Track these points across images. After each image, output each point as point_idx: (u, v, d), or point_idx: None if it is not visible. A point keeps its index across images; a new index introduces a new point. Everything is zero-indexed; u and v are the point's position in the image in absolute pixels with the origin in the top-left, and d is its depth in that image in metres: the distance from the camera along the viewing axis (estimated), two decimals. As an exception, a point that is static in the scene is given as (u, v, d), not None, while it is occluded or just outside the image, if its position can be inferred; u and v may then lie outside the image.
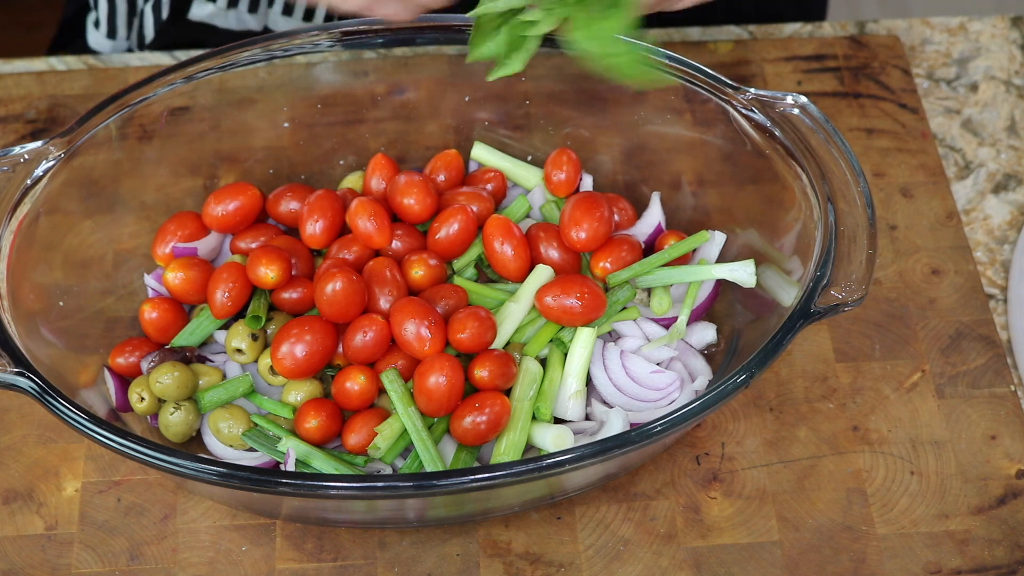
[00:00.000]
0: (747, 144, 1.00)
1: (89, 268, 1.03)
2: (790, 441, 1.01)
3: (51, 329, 0.96)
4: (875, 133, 1.18)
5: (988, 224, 1.13)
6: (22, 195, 0.96)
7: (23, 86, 1.21)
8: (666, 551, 0.96)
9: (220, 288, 0.98)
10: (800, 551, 0.96)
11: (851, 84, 1.21)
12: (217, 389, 0.97)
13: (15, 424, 1.01)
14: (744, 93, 1.00)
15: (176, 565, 0.95)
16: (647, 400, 0.98)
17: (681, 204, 1.08)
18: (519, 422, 0.94)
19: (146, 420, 0.99)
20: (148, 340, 1.01)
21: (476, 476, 0.83)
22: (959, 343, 1.06)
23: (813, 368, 1.04)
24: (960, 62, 1.24)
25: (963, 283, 1.09)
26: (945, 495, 0.98)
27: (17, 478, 0.99)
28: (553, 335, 0.99)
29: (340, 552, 0.95)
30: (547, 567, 0.95)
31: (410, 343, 0.95)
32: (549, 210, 1.07)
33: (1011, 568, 0.95)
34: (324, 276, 0.96)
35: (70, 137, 0.98)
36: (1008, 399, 1.03)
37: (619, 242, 1.03)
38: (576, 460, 0.84)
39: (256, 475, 0.83)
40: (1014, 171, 1.16)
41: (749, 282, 0.99)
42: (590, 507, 0.97)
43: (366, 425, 0.94)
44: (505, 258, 1.01)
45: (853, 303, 0.90)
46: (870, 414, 1.02)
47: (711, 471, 0.99)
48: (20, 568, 0.95)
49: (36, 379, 0.87)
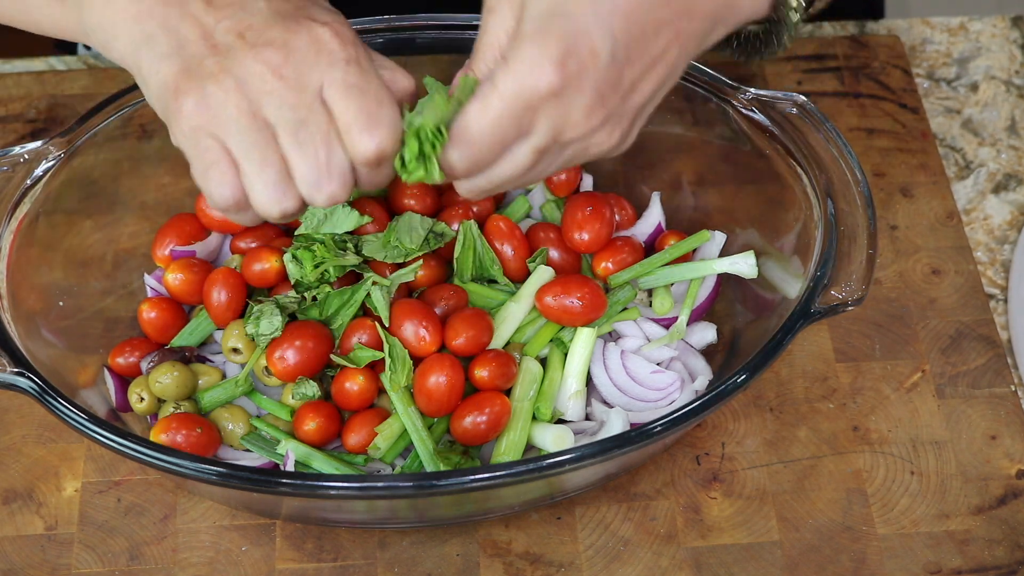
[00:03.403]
0: (747, 144, 1.00)
1: (89, 268, 1.03)
2: (790, 441, 1.01)
3: (51, 329, 0.96)
4: (875, 133, 1.18)
5: (988, 224, 1.13)
6: (22, 195, 0.96)
7: (23, 86, 1.21)
8: (666, 551, 0.96)
9: (215, 294, 0.98)
10: (800, 551, 0.96)
11: (851, 84, 1.21)
12: (217, 389, 0.97)
13: (15, 424, 1.01)
14: (744, 93, 1.00)
15: (176, 565, 0.95)
16: (647, 400, 0.98)
17: (681, 204, 1.08)
18: (519, 422, 0.94)
19: (146, 420, 0.99)
20: (148, 340, 1.01)
21: (476, 476, 0.83)
22: (959, 343, 1.05)
23: (813, 368, 1.04)
24: (960, 62, 1.24)
25: (963, 283, 1.09)
26: (945, 495, 0.98)
27: (17, 478, 0.99)
28: (553, 335, 0.99)
29: (340, 552, 0.95)
30: (547, 567, 0.95)
31: (408, 342, 0.95)
32: (549, 210, 1.07)
33: (1011, 568, 0.95)
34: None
35: (70, 137, 0.98)
36: (1008, 399, 1.03)
37: (620, 243, 1.03)
38: (576, 460, 0.84)
39: (256, 475, 0.83)
40: (1014, 171, 1.16)
41: (750, 274, 0.99)
42: (590, 507, 0.97)
43: (366, 425, 0.94)
44: (505, 258, 1.01)
45: (853, 303, 0.90)
46: (870, 414, 1.02)
47: (711, 471, 0.99)
48: (20, 568, 0.95)
49: (36, 379, 0.87)
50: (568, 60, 0.77)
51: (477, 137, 0.79)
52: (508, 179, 0.82)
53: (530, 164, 0.81)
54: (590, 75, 0.78)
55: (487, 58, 0.82)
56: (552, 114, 0.78)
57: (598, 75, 0.78)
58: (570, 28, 0.77)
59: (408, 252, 0.98)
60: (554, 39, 0.77)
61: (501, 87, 0.77)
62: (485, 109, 0.78)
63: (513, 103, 0.77)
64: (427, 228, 0.99)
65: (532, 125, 0.79)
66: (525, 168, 0.81)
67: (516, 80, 0.77)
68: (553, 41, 0.77)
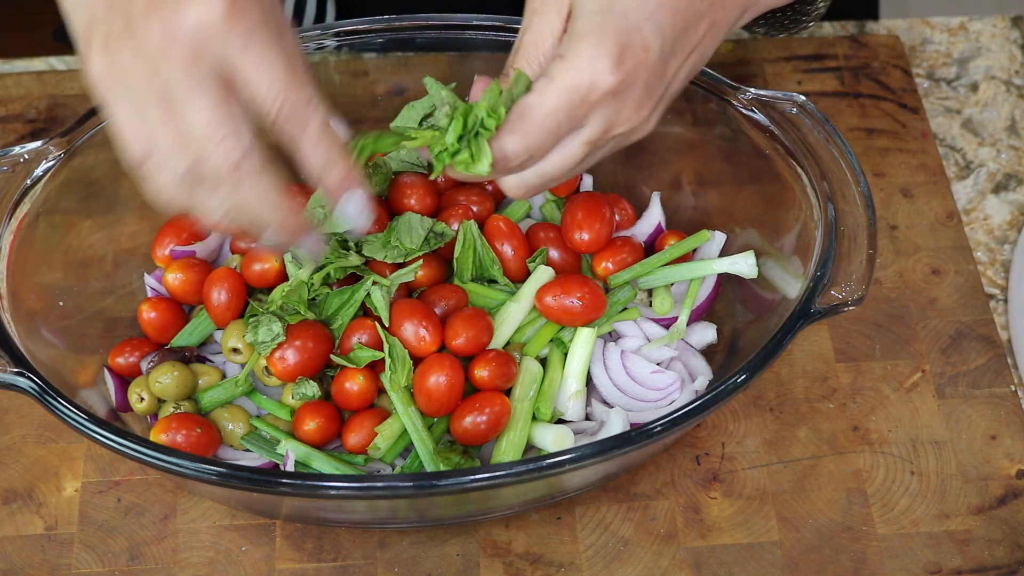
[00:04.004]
0: (747, 144, 1.00)
1: (89, 268, 1.03)
2: (790, 441, 1.01)
3: (51, 329, 0.96)
4: (875, 133, 1.18)
5: (988, 224, 1.13)
6: (22, 195, 0.96)
7: (23, 86, 1.21)
8: (666, 551, 0.96)
9: (215, 294, 0.98)
10: (800, 551, 0.96)
11: (851, 84, 1.21)
12: (217, 389, 0.97)
13: (15, 424, 1.01)
14: (744, 93, 1.00)
15: (176, 565, 0.95)
16: (647, 400, 0.98)
17: (681, 204, 1.08)
18: (519, 422, 0.94)
19: (146, 420, 0.98)
20: (148, 340, 1.01)
21: (476, 476, 0.83)
22: (959, 343, 1.06)
23: (813, 368, 1.04)
24: (960, 62, 1.24)
25: (963, 283, 1.09)
26: (945, 495, 0.98)
27: (17, 478, 0.99)
28: (553, 335, 0.99)
29: (340, 552, 0.95)
30: (547, 567, 0.95)
31: (408, 342, 0.95)
32: (549, 210, 1.07)
33: (1011, 568, 0.95)
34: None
35: (70, 137, 0.98)
36: (1008, 399, 1.03)
37: (621, 243, 1.03)
38: (576, 460, 0.84)
39: (256, 475, 0.83)
40: (1014, 171, 1.16)
41: (751, 274, 0.99)
42: (590, 507, 0.97)
43: (366, 425, 0.94)
44: (505, 258, 1.01)
45: (853, 303, 0.90)
46: (870, 414, 1.02)
47: (711, 471, 0.99)
48: (20, 568, 0.95)
49: (36, 379, 0.87)
50: (625, 57, 0.79)
51: (535, 125, 0.80)
52: (559, 173, 0.84)
53: (581, 157, 0.83)
54: (644, 70, 0.80)
55: (530, 56, 0.83)
56: (607, 109, 0.81)
57: (649, 70, 0.81)
58: (623, 25, 0.79)
59: (408, 252, 0.98)
60: (610, 37, 0.79)
61: (559, 81, 0.79)
62: (544, 101, 0.80)
63: (571, 97, 0.79)
64: (427, 228, 0.99)
65: (586, 119, 0.81)
66: (577, 161, 0.83)
67: (576, 75, 0.79)
68: (609, 39, 0.79)
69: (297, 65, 0.77)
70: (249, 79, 0.75)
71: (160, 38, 0.74)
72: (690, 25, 0.82)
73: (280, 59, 0.76)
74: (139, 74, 0.75)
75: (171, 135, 0.76)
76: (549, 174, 0.84)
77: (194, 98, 0.75)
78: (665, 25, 0.81)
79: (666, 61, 0.82)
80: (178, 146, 0.76)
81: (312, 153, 0.79)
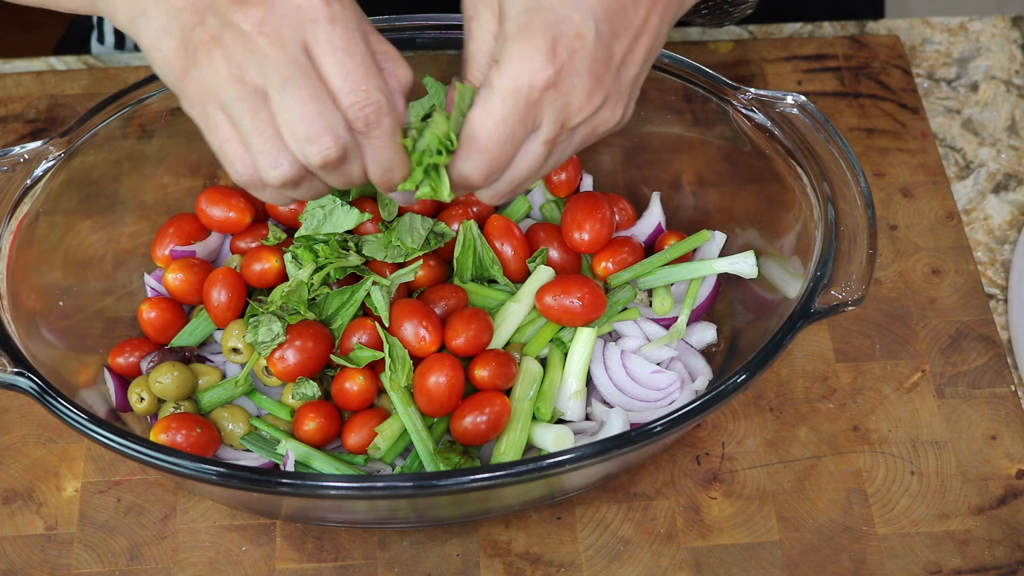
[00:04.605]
0: (747, 144, 1.00)
1: (89, 268, 1.03)
2: (790, 441, 1.01)
3: (51, 329, 0.96)
4: (875, 133, 1.18)
5: (988, 224, 1.13)
6: (22, 195, 0.96)
7: (23, 86, 1.21)
8: (666, 551, 0.96)
9: (215, 294, 0.98)
10: (800, 551, 0.96)
11: (851, 84, 1.21)
12: (216, 389, 0.97)
13: (15, 424, 1.01)
14: (744, 93, 1.00)
15: (176, 565, 0.95)
16: (647, 400, 0.98)
17: (681, 204, 1.08)
18: (519, 422, 0.94)
19: (146, 420, 0.99)
20: (148, 340, 1.01)
21: (476, 476, 0.83)
22: (959, 343, 1.06)
23: (813, 368, 1.04)
24: (960, 62, 1.24)
25: (963, 283, 1.09)
26: (945, 495, 0.98)
27: (17, 478, 0.99)
28: (553, 335, 0.99)
29: (340, 552, 0.95)
30: (547, 567, 0.95)
31: (408, 342, 0.95)
32: (549, 210, 1.07)
33: (1011, 568, 0.95)
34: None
35: (70, 137, 0.98)
36: (1008, 399, 1.03)
37: (621, 243, 1.03)
38: (576, 460, 0.84)
39: (256, 475, 0.83)
40: (1014, 171, 1.16)
41: (751, 274, 0.99)
42: (590, 507, 0.97)
43: (366, 425, 0.94)
44: (505, 258, 1.01)
45: (853, 303, 0.90)
46: (870, 414, 1.02)
47: (711, 471, 0.99)
48: (20, 568, 0.95)
49: (36, 379, 0.87)
50: (558, 48, 0.78)
51: (487, 142, 0.79)
52: (526, 176, 0.82)
53: (544, 156, 0.81)
54: (581, 57, 0.79)
55: (479, 64, 0.82)
56: (555, 103, 0.79)
57: (589, 56, 0.79)
58: (551, 18, 0.78)
59: (408, 252, 0.98)
60: (538, 32, 0.78)
61: (499, 88, 0.78)
62: (488, 113, 0.78)
63: (515, 101, 0.78)
64: (427, 228, 0.99)
65: (538, 118, 0.79)
66: (540, 161, 0.82)
67: (512, 78, 0.78)
68: (538, 33, 0.78)
69: (371, 64, 0.78)
70: (324, 67, 0.77)
71: (259, 20, 0.76)
72: (627, 6, 0.81)
73: (358, 52, 0.77)
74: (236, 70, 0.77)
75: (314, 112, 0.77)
76: (518, 180, 0.83)
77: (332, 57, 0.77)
78: (596, 9, 0.79)
79: (608, 45, 0.80)
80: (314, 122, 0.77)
81: (372, 158, 0.79)
